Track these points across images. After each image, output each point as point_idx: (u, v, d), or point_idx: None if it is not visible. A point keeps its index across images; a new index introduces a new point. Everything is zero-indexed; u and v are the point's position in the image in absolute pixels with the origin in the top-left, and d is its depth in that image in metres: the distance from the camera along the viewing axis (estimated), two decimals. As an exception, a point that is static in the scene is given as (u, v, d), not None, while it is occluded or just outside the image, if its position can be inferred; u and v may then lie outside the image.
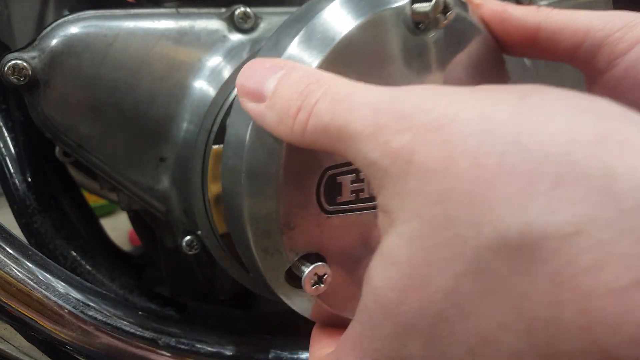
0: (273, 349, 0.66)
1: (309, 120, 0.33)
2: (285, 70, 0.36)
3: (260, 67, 0.37)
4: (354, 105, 0.31)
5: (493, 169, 0.25)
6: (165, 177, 0.61)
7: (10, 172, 0.69)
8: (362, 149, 0.30)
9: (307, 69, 0.36)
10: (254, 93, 0.36)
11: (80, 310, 0.58)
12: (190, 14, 0.60)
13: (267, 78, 0.36)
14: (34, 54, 0.54)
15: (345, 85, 0.33)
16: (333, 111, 0.32)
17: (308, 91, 0.33)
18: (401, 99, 0.30)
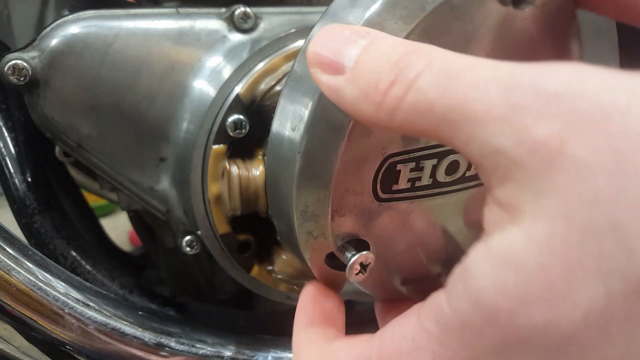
0: (273, 349, 0.66)
1: (406, 96, 0.27)
2: (371, 38, 0.30)
3: (339, 34, 0.31)
4: (476, 80, 0.26)
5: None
6: (165, 177, 0.61)
7: (10, 172, 0.69)
8: (483, 134, 0.25)
9: (398, 39, 0.31)
10: (330, 63, 0.30)
11: (80, 310, 0.58)
12: (190, 14, 0.60)
13: (347, 46, 0.30)
14: (34, 54, 0.55)
15: (457, 57, 0.27)
16: (444, 86, 0.26)
17: (405, 62, 0.28)
18: (546, 77, 0.24)
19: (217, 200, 0.57)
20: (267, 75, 0.57)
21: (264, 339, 0.68)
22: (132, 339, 0.60)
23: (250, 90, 0.57)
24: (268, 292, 0.65)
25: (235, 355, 0.64)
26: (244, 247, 0.61)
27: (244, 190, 0.58)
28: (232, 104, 0.56)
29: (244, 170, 0.58)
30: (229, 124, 0.56)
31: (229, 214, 0.59)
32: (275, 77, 0.57)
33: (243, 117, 0.56)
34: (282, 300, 0.66)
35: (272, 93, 0.57)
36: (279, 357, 0.66)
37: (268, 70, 0.57)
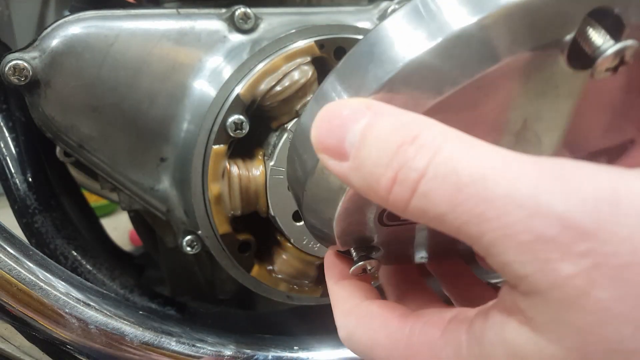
0: (273, 348, 0.66)
1: (411, 199, 0.25)
2: (369, 118, 0.28)
3: (338, 115, 0.29)
4: (492, 197, 0.23)
5: None
6: (165, 177, 0.61)
7: (11, 172, 0.69)
8: (503, 258, 0.24)
9: (399, 115, 0.27)
10: (334, 150, 0.29)
11: (80, 310, 0.58)
12: (190, 15, 0.60)
13: (347, 129, 0.28)
14: (35, 54, 0.55)
15: (465, 151, 0.25)
16: (455, 198, 0.24)
17: (404, 157, 0.26)
18: (574, 205, 0.22)
19: (218, 200, 0.58)
20: (267, 75, 0.57)
21: (263, 338, 0.69)
22: (133, 339, 0.60)
23: (251, 91, 0.57)
24: (268, 291, 0.65)
25: (235, 355, 0.64)
26: (244, 246, 0.61)
27: (244, 190, 0.58)
28: (232, 104, 0.56)
29: (244, 170, 0.58)
30: (229, 124, 0.56)
31: (229, 213, 0.59)
32: (275, 77, 0.57)
33: (243, 117, 0.56)
34: (282, 299, 0.66)
35: (272, 93, 0.57)
36: (279, 356, 0.66)
37: (268, 70, 0.57)
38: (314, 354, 0.67)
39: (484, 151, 0.25)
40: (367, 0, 0.71)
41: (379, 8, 0.67)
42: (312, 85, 0.59)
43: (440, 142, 0.25)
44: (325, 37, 0.60)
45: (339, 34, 0.61)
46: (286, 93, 0.57)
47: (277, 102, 0.57)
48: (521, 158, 0.24)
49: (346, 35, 0.61)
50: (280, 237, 0.63)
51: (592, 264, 0.22)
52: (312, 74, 0.58)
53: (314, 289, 0.66)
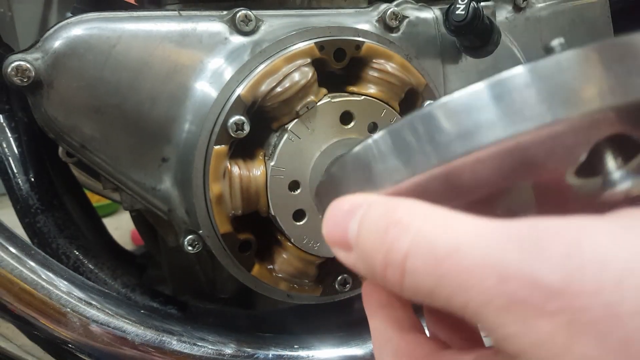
0: (273, 346, 0.67)
1: (403, 280, 0.27)
2: (364, 209, 0.31)
3: (340, 210, 0.32)
4: (466, 267, 0.24)
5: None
6: (167, 177, 0.61)
7: (13, 172, 0.70)
8: (486, 321, 0.24)
9: (387, 202, 0.30)
10: (340, 242, 0.32)
11: (82, 309, 0.59)
12: (192, 17, 0.60)
13: (349, 222, 0.31)
14: (37, 56, 0.55)
15: (441, 226, 0.26)
16: (434, 276, 0.25)
17: (390, 239, 0.28)
18: (540, 265, 0.23)
19: (219, 200, 0.58)
20: (268, 76, 0.57)
21: (264, 337, 0.69)
22: (134, 338, 0.60)
23: (251, 92, 0.57)
24: (269, 290, 0.65)
25: (236, 353, 0.65)
26: (245, 246, 0.62)
27: (245, 190, 0.59)
28: (233, 105, 0.57)
29: (245, 171, 0.59)
30: (230, 125, 0.56)
31: (230, 213, 0.59)
32: (276, 78, 0.57)
33: (244, 118, 0.57)
34: (282, 298, 0.67)
35: (273, 94, 0.58)
36: (280, 354, 0.66)
37: (269, 72, 0.58)
38: (315, 353, 0.68)
39: (459, 223, 0.26)
40: (367, 2, 0.71)
41: (378, 10, 0.68)
42: (312, 86, 0.59)
43: (419, 221, 0.27)
44: (325, 38, 0.60)
45: (338, 36, 0.61)
46: (287, 94, 0.57)
47: (278, 103, 0.58)
48: (493, 225, 0.25)
49: (346, 37, 0.61)
50: (280, 236, 0.63)
51: (567, 321, 0.22)
52: (312, 75, 0.59)
53: (314, 288, 0.66)
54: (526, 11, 0.80)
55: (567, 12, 0.83)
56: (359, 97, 0.61)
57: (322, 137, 0.60)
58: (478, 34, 0.66)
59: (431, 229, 0.26)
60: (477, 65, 0.74)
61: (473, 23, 0.63)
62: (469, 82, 0.75)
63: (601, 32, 0.86)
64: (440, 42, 0.71)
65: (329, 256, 0.64)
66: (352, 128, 0.61)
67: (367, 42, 0.62)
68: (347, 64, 0.62)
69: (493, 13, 0.74)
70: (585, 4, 0.84)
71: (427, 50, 0.70)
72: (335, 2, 0.70)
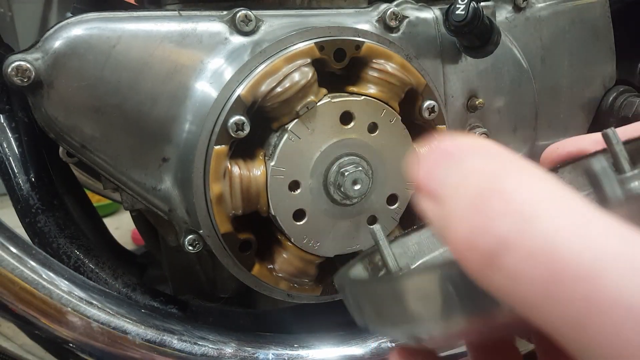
0: (274, 346, 0.67)
1: (486, 272, 0.21)
2: (469, 157, 0.24)
3: (440, 151, 0.26)
4: (601, 299, 0.18)
5: None
6: (167, 177, 0.61)
7: (14, 172, 0.70)
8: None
9: (502, 158, 0.24)
10: (425, 188, 0.25)
11: (83, 309, 0.59)
12: (192, 17, 0.60)
13: (443, 167, 0.25)
14: (38, 56, 0.55)
15: (577, 228, 0.19)
16: (548, 292, 0.19)
17: (485, 216, 0.21)
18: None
19: (219, 200, 0.58)
20: (268, 77, 0.58)
21: (264, 336, 0.69)
22: (135, 337, 0.60)
23: (252, 92, 0.57)
24: (269, 290, 0.65)
25: (236, 353, 0.65)
26: (245, 245, 0.62)
27: (245, 190, 0.59)
28: (233, 105, 0.57)
29: (245, 171, 0.59)
30: (231, 125, 0.56)
31: (230, 213, 0.59)
32: (276, 78, 0.58)
33: (244, 118, 0.57)
34: (282, 298, 0.67)
35: (273, 94, 0.58)
36: (280, 354, 0.66)
37: (269, 72, 0.58)
38: (315, 352, 0.68)
39: (602, 231, 0.19)
40: (367, 2, 0.71)
41: (378, 10, 0.68)
42: (312, 86, 0.59)
43: (542, 207, 0.20)
44: (325, 38, 0.60)
45: (338, 36, 0.61)
46: (287, 94, 0.58)
47: (278, 103, 0.58)
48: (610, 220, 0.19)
49: (346, 37, 0.61)
50: (280, 236, 0.63)
51: None
52: (312, 75, 0.59)
53: (314, 288, 0.66)
54: (526, 11, 0.80)
55: (567, 12, 0.83)
56: (359, 97, 0.61)
57: (322, 137, 0.60)
58: (478, 34, 0.66)
59: (560, 225, 0.19)
60: (477, 65, 0.74)
61: (473, 23, 0.63)
62: (469, 82, 0.75)
63: (601, 32, 0.86)
64: (440, 42, 0.71)
65: (328, 256, 0.64)
66: (352, 128, 0.61)
67: (367, 42, 0.62)
68: (347, 64, 0.62)
69: (493, 13, 0.74)
70: (585, 4, 0.84)
71: (427, 50, 0.70)
72: (335, 2, 0.70)
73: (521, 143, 0.81)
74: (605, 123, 0.90)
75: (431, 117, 0.66)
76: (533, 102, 0.81)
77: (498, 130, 0.78)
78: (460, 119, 0.75)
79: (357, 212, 0.64)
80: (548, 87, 0.82)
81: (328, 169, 0.61)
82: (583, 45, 0.84)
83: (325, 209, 0.62)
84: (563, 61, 0.83)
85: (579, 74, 0.85)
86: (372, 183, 0.62)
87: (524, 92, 0.79)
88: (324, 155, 0.60)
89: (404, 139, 0.64)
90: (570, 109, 0.86)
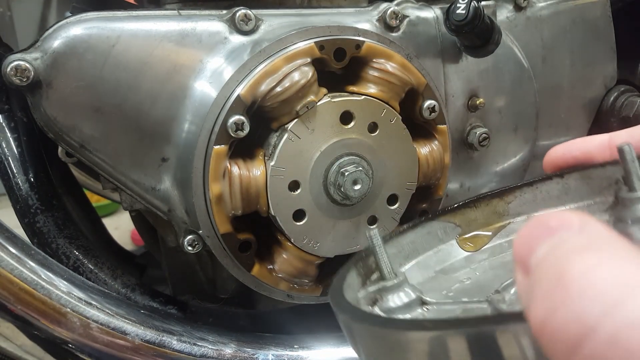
0: (274, 347, 0.67)
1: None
2: (565, 235, 0.24)
3: (541, 226, 0.25)
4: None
5: None
6: (167, 177, 0.61)
7: (13, 172, 0.70)
8: None
9: (584, 227, 0.24)
10: (520, 260, 0.25)
11: (82, 309, 0.59)
12: (191, 16, 0.60)
13: (539, 241, 0.25)
14: (37, 55, 0.55)
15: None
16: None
17: (569, 299, 0.21)
18: None
19: (218, 200, 0.58)
20: (267, 76, 0.57)
21: (264, 337, 0.69)
22: (134, 337, 0.60)
23: (251, 92, 0.57)
24: (269, 290, 0.65)
25: (236, 354, 0.65)
26: (244, 246, 0.61)
27: (245, 190, 0.59)
28: (233, 104, 0.57)
29: (244, 170, 0.59)
30: (230, 125, 0.56)
31: (230, 213, 0.59)
32: (275, 78, 0.57)
33: (244, 117, 0.57)
34: (282, 298, 0.67)
35: (273, 94, 0.57)
36: (280, 354, 0.66)
37: (269, 71, 0.57)
38: (315, 353, 0.68)
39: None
40: (367, 2, 0.71)
41: (378, 9, 0.68)
42: (312, 85, 0.59)
43: (629, 291, 0.20)
44: (325, 38, 0.60)
45: (338, 35, 0.61)
46: (286, 94, 0.57)
47: (278, 103, 0.58)
48: None
49: (346, 36, 0.61)
50: (280, 236, 0.63)
51: None
52: (312, 74, 0.59)
53: (314, 288, 0.66)
54: (527, 10, 0.79)
55: (568, 12, 0.82)
56: (359, 96, 0.61)
57: (322, 137, 0.60)
58: (479, 33, 0.65)
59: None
60: (477, 64, 0.74)
61: (474, 22, 0.63)
62: (469, 82, 0.75)
63: (602, 32, 0.86)
64: (441, 41, 0.71)
65: (328, 256, 0.64)
66: (352, 128, 0.61)
67: (367, 42, 0.62)
68: (347, 63, 0.62)
69: (494, 12, 0.74)
70: (586, 4, 0.84)
71: (427, 49, 0.70)
72: (335, 1, 0.70)
73: (522, 143, 0.81)
74: (606, 123, 0.90)
75: (432, 116, 0.66)
76: (534, 102, 0.80)
77: (499, 130, 0.78)
78: (461, 119, 0.75)
79: (357, 212, 0.63)
80: (549, 87, 0.82)
81: (328, 169, 0.61)
82: (584, 44, 0.84)
83: (325, 209, 0.62)
84: (564, 61, 0.83)
85: (580, 73, 0.85)
86: (372, 183, 0.62)
87: (525, 91, 0.79)
88: (324, 155, 0.60)
89: (404, 138, 0.64)
90: (571, 109, 0.86)
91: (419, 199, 0.69)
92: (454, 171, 0.76)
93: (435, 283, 0.45)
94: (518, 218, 0.48)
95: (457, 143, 0.75)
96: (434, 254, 0.47)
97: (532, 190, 0.47)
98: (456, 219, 0.48)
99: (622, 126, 0.92)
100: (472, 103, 0.74)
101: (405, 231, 0.46)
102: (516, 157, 0.82)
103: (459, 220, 0.48)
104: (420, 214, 0.70)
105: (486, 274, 0.45)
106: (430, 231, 0.47)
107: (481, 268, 0.46)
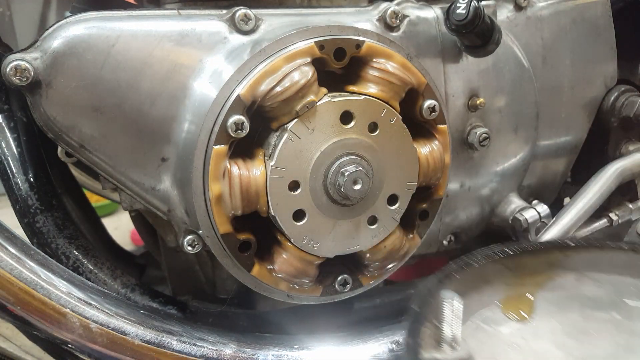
0: (273, 347, 0.67)
1: None
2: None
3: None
4: None
5: None
6: (166, 177, 0.61)
7: (12, 172, 0.70)
8: None
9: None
10: None
11: (82, 309, 0.59)
12: (191, 16, 0.60)
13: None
14: (36, 55, 0.55)
15: None
16: None
17: None
18: None
19: (218, 200, 0.58)
20: (267, 76, 0.57)
21: (264, 337, 0.69)
22: (134, 338, 0.60)
23: (251, 91, 0.57)
24: (268, 290, 0.65)
25: (236, 354, 0.64)
26: (244, 246, 0.61)
27: (245, 190, 0.59)
28: (233, 104, 0.57)
29: (244, 170, 0.58)
30: (230, 125, 0.56)
31: (229, 213, 0.59)
32: (275, 78, 0.57)
33: (244, 117, 0.57)
34: (282, 299, 0.67)
35: (273, 94, 0.57)
36: (280, 355, 0.66)
37: (269, 71, 0.57)
38: (315, 353, 0.68)
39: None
40: (367, 1, 0.71)
41: (378, 9, 0.68)
42: (312, 85, 0.59)
43: None
44: (325, 38, 0.60)
45: (338, 35, 0.61)
46: (286, 93, 0.57)
47: (278, 103, 0.58)
48: None
49: (346, 36, 0.61)
50: (280, 236, 0.63)
51: None
52: (312, 74, 0.59)
53: (314, 288, 0.66)
54: (527, 10, 0.79)
55: (568, 11, 0.82)
56: (359, 96, 0.61)
57: (322, 137, 0.60)
58: (479, 33, 0.65)
59: None
60: (478, 64, 0.74)
61: (474, 22, 0.63)
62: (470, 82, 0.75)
63: (602, 32, 0.86)
64: (441, 41, 0.71)
65: (328, 256, 0.64)
66: (352, 128, 0.61)
67: (367, 41, 0.62)
68: (347, 63, 0.62)
69: (494, 12, 0.74)
70: (586, 3, 0.84)
71: (427, 49, 0.70)
72: (335, 1, 0.70)
73: (522, 143, 0.81)
74: (607, 122, 0.90)
75: (432, 116, 0.66)
76: (534, 102, 0.80)
77: (499, 129, 0.78)
78: (461, 119, 0.75)
79: (357, 212, 0.63)
80: (549, 87, 0.82)
81: (328, 169, 0.60)
82: (584, 44, 0.84)
83: (325, 209, 0.62)
84: (564, 60, 0.83)
85: (580, 73, 0.85)
86: (372, 183, 0.62)
87: (525, 91, 0.79)
88: (324, 155, 0.60)
89: (404, 138, 0.64)
90: (571, 109, 0.86)
91: (419, 199, 0.69)
92: (454, 171, 0.76)
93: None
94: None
95: (457, 143, 0.75)
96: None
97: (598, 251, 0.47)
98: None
99: (622, 126, 0.92)
100: (472, 103, 0.74)
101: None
102: (516, 157, 0.82)
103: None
104: (420, 214, 0.70)
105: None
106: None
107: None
